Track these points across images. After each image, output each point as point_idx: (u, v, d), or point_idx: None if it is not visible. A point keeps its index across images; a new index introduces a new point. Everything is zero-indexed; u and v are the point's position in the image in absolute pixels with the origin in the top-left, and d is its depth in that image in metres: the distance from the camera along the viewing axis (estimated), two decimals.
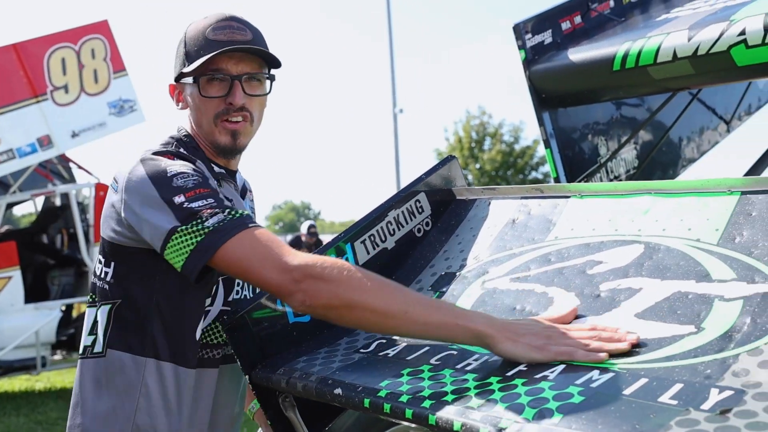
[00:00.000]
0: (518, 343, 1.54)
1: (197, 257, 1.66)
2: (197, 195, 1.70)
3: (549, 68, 3.05)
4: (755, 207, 1.70)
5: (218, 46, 1.84)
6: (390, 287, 1.62)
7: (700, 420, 1.22)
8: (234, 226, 1.66)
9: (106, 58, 7.80)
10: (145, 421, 1.79)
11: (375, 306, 1.58)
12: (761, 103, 4.12)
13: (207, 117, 1.89)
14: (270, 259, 1.62)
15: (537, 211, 2.11)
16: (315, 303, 1.60)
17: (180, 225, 1.67)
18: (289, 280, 1.60)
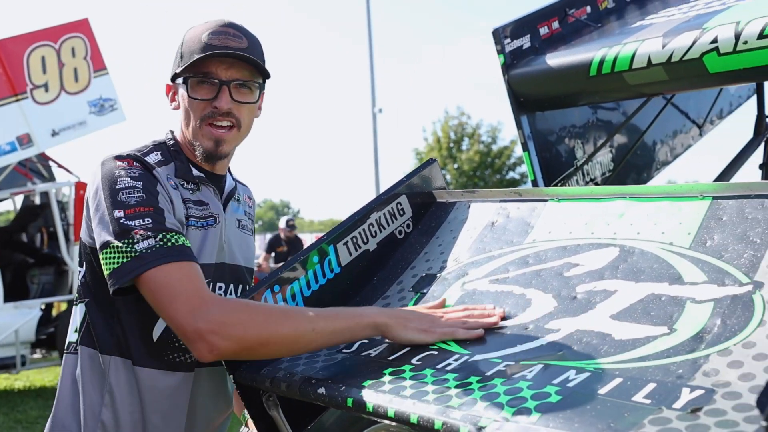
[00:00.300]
0: (408, 328, 1.75)
1: (118, 276, 1.71)
2: (136, 213, 1.73)
3: (527, 73, 3.11)
4: (726, 212, 1.76)
5: (211, 50, 1.87)
6: (291, 311, 1.75)
7: (672, 418, 1.27)
8: (160, 256, 1.69)
9: (87, 56, 7.76)
10: (109, 417, 1.82)
11: (285, 333, 1.69)
12: (732, 108, 4.21)
13: (194, 119, 1.92)
14: (180, 300, 1.66)
15: (515, 214, 2.15)
16: (223, 351, 1.66)
17: (113, 240, 1.71)
18: (193, 330, 1.64)
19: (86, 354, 1.87)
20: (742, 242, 1.66)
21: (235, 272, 2.03)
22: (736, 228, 1.71)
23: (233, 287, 1.99)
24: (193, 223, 1.88)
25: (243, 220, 2.11)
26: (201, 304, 1.66)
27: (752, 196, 1.74)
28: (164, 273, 1.68)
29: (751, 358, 1.39)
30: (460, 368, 1.63)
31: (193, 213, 1.89)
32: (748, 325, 1.47)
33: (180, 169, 1.92)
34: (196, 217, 1.89)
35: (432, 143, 30.99)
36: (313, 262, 2.06)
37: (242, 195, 2.16)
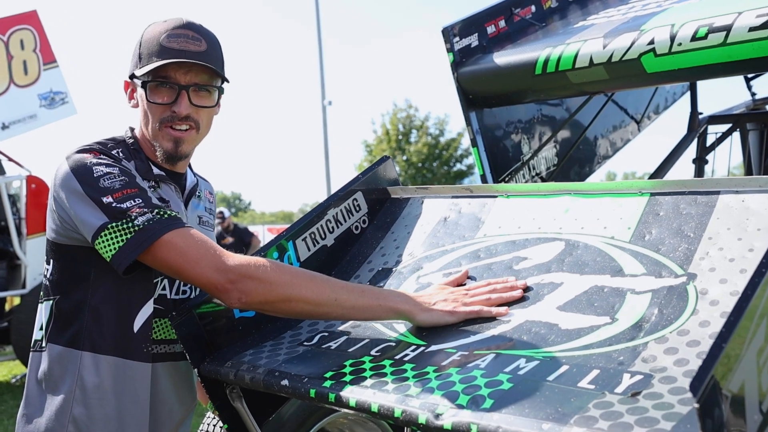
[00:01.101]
0: (433, 312, 1.81)
1: (126, 253, 1.74)
2: (125, 195, 1.76)
3: (475, 71, 3.20)
4: (662, 207, 1.88)
5: (169, 54, 1.88)
6: (318, 279, 1.81)
7: (614, 402, 1.38)
8: (164, 224, 1.75)
9: (36, 49, 7.62)
10: (80, 412, 1.84)
11: (308, 297, 1.76)
12: (668, 104, 4.39)
13: (153, 121, 1.94)
14: (205, 259, 1.73)
15: (467, 209, 2.25)
16: (251, 300, 1.75)
17: (110, 222, 1.74)
18: (225, 280, 1.73)
19: (54, 351, 1.88)
20: (677, 236, 1.79)
21: None
22: (672, 223, 1.83)
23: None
24: None
25: (204, 216, 2.14)
26: (227, 258, 1.74)
27: (686, 193, 1.87)
28: (180, 237, 1.74)
29: (685, 345, 1.51)
30: (418, 359, 1.71)
31: None
32: (682, 314, 1.59)
33: (140, 168, 1.93)
34: None
35: (381, 135, 31.07)
36: (273, 257, 2.12)
37: (203, 191, 2.18)
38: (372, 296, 1.81)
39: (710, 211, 1.78)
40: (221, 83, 2.00)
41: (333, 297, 1.77)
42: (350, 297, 1.79)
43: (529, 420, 1.38)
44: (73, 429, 1.82)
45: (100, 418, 1.84)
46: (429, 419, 1.49)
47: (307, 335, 1.98)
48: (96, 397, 1.85)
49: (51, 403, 1.86)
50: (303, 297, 1.76)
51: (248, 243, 12.99)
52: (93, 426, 1.83)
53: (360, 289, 1.84)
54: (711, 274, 1.65)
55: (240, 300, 1.73)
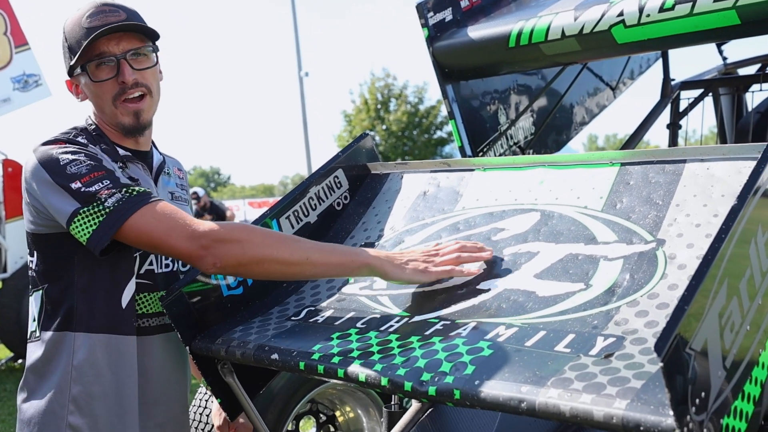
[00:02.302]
0: (405, 269, 1.87)
1: (100, 235, 1.79)
2: (93, 179, 1.81)
3: (450, 45, 3.25)
4: (632, 177, 1.95)
5: (95, 31, 1.91)
6: (290, 239, 1.86)
7: (589, 364, 1.46)
8: (134, 202, 1.79)
9: (7, 32, 7.55)
10: (79, 390, 1.89)
11: (280, 257, 1.81)
12: (642, 70, 4.45)
13: (106, 101, 1.97)
14: (176, 229, 1.78)
15: (445, 183, 2.31)
16: (225, 264, 1.79)
17: (81, 207, 1.79)
18: (197, 247, 1.77)
19: (48, 337, 1.93)
20: (646, 204, 1.86)
21: None
22: (642, 191, 1.90)
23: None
24: None
25: (176, 191, 2.18)
26: (198, 225, 1.78)
27: (655, 162, 1.94)
28: (150, 213, 1.78)
29: (654, 308, 1.59)
30: (402, 329, 1.79)
31: None
32: (652, 278, 1.67)
33: (107, 151, 1.97)
34: None
35: (360, 105, 31.01)
36: None
37: (171, 168, 2.22)
38: (343, 253, 1.87)
39: (677, 179, 1.86)
40: (153, 44, 2.03)
41: (305, 256, 1.82)
42: (322, 255, 1.84)
43: (508, 384, 1.46)
44: (74, 408, 1.88)
45: (98, 394, 1.90)
46: (414, 387, 1.57)
47: (294, 310, 2.05)
48: (92, 374, 1.90)
49: (49, 386, 1.91)
50: (276, 257, 1.80)
51: (223, 215, 13.09)
52: (93, 402, 1.89)
53: (331, 248, 1.90)
54: (679, 240, 1.73)
55: (215, 265, 1.77)
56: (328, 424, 3.32)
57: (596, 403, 1.33)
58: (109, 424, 1.90)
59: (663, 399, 1.27)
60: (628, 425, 1.28)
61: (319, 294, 2.11)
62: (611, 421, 1.30)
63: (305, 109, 24.34)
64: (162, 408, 2.03)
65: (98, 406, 1.90)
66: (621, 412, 1.30)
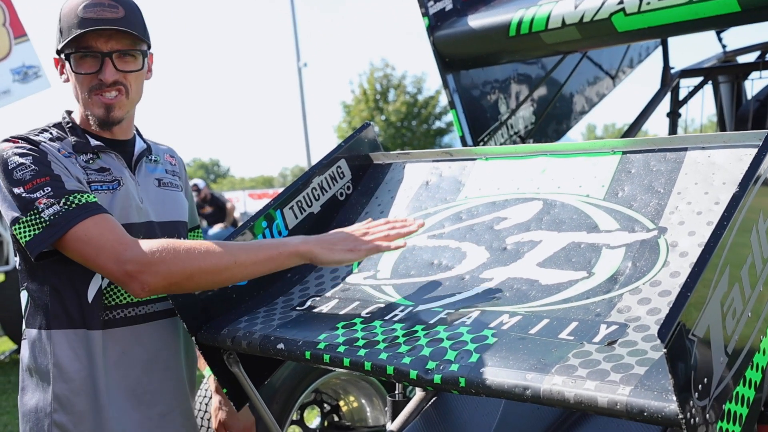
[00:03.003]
0: (334, 251, 1.88)
1: (35, 245, 1.81)
2: (35, 186, 1.81)
3: (451, 34, 3.26)
4: (634, 165, 1.97)
5: (86, 24, 1.91)
6: (214, 247, 1.85)
7: (592, 351, 1.47)
8: (70, 217, 1.79)
9: (5, 23, 7.52)
10: (60, 387, 1.90)
11: (207, 267, 1.81)
12: (642, 58, 4.46)
13: (82, 91, 1.97)
14: (105, 251, 1.79)
15: (447, 173, 2.33)
16: (153, 287, 1.79)
17: (20, 215, 1.81)
18: (123, 273, 1.78)
19: (31, 335, 1.95)
20: (648, 192, 1.88)
21: (167, 228, 2.10)
22: (643, 179, 1.91)
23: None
24: (98, 188, 1.94)
25: (164, 177, 2.16)
26: (125, 248, 1.78)
27: (656, 150, 1.95)
28: (82, 231, 1.79)
29: (657, 295, 1.61)
30: (406, 318, 1.80)
31: (95, 179, 1.95)
32: (654, 266, 1.69)
33: (77, 145, 1.97)
34: (99, 182, 1.95)
35: (359, 96, 30.98)
36: (262, 226, 2.20)
37: (161, 155, 2.20)
38: (270, 247, 1.87)
39: (678, 167, 1.87)
40: (146, 48, 2.02)
41: (232, 260, 1.82)
42: (249, 255, 1.84)
43: (513, 371, 1.48)
44: (57, 405, 1.89)
45: (78, 390, 1.90)
46: (420, 374, 1.58)
47: (299, 300, 2.07)
48: (71, 370, 1.90)
49: (35, 384, 1.93)
50: (203, 268, 1.80)
51: (223, 207, 13.12)
52: (74, 398, 1.89)
53: (257, 245, 1.89)
54: (680, 227, 1.75)
55: (143, 290, 1.79)
56: (332, 413, 3.34)
57: (600, 389, 1.35)
58: (92, 420, 1.90)
59: (666, 385, 1.29)
60: (632, 411, 1.30)
61: (324, 284, 2.13)
62: (615, 407, 1.32)
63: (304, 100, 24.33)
64: (157, 398, 2.02)
65: (79, 402, 1.90)
66: (625, 398, 1.31)
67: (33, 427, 1.91)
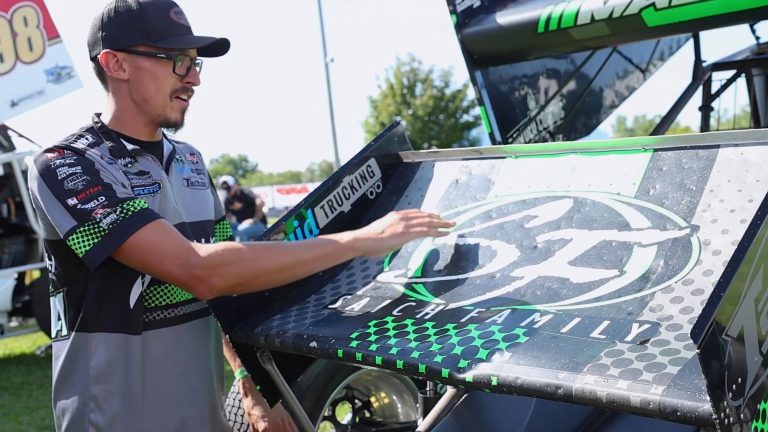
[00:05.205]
0: (384, 239, 1.97)
1: (95, 255, 1.81)
2: (88, 196, 1.81)
3: (479, 31, 3.26)
4: (665, 163, 1.96)
5: (185, 30, 1.99)
6: (276, 247, 1.91)
7: (624, 350, 1.47)
8: (130, 224, 1.80)
9: (39, 25, 7.64)
10: (98, 389, 1.93)
11: (273, 266, 1.86)
12: (673, 51, 4.42)
13: (162, 92, 1.98)
14: (169, 256, 1.80)
15: (477, 171, 2.33)
16: (221, 289, 1.82)
17: (77, 225, 1.81)
18: (190, 276, 1.79)
19: (72, 338, 1.96)
20: (680, 190, 1.87)
21: (198, 228, 2.11)
22: (675, 177, 1.91)
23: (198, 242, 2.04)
24: (140, 192, 1.95)
25: (191, 177, 2.18)
26: (189, 253, 1.80)
27: (688, 147, 1.94)
28: (143, 238, 1.80)
29: (690, 294, 1.60)
30: (438, 317, 1.82)
31: (137, 183, 1.96)
32: (687, 264, 1.68)
33: (114, 149, 1.97)
34: (141, 186, 1.97)
35: (386, 90, 30.97)
36: (293, 226, 2.22)
37: (184, 154, 2.21)
38: (328, 244, 1.93)
39: (711, 165, 1.86)
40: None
41: (295, 258, 1.87)
42: (309, 252, 1.90)
43: (545, 370, 1.48)
44: (94, 405, 1.92)
45: (115, 391, 1.92)
46: (451, 373, 1.60)
47: (330, 298, 2.09)
48: (108, 372, 1.93)
49: (72, 384, 1.95)
50: (269, 268, 1.85)
51: (252, 203, 13.22)
52: (110, 399, 1.92)
53: (315, 243, 1.96)
54: (713, 225, 1.74)
55: (210, 292, 1.81)
56: (363, 409, 3.36)
57: (633, 389, 1.35)
58: (126, 421, 1.93)
59: (700, 385, 1.29)
60: (665, 411, 1.30)
61: (355, 282, 2.15)
62: (648, 406, 1.32)
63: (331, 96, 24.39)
64: (198, 396, 2.04)
65: (116, 403, 1.93)
66: (658, 398, 1.31)
67: (70, 426, 1.95)
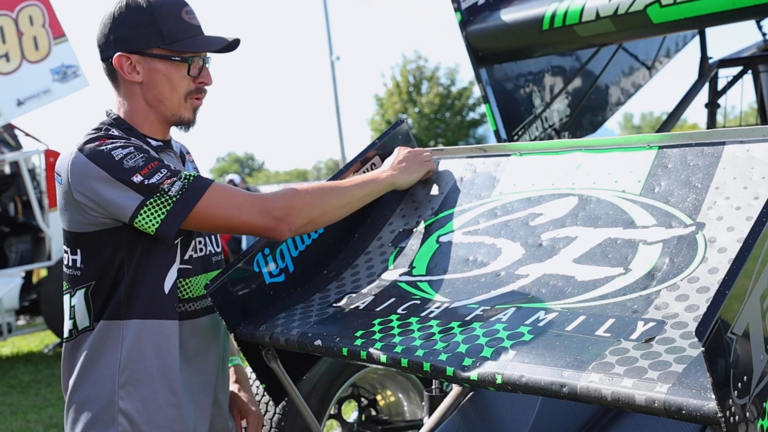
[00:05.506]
0: (411, 171, 2.27)
1: (170, 224, 1.84)
2: (151, 170, 1.84)
3: (484, 29, 3.25)
4: (671, 160, 1.95)
5: (198, 30, 2.01)
6: (334, 186, 2.09)
7: (629, 348, 1.47)
8: (196, 187, 1.86)
9: (45, 24, 7.65)
10: (128, 376, 1.93)
11: (337, 203, 2.04)
12: (679, 48, 4.40)
13: (177, 93, 2.00)
14: (246, 206, 1.90)
15: (482, 169, 2.32)
16: (298, 227, 1.95)
17: (146, 199, 1.83)
18: (270, 219, 1.90)
19: (96, 328, 1.96)
20: (685, 187, 1.86)
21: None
22: (680, 174, 1.90)
23: (208, 238, 2.09)
24: None
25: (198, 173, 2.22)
26: (263, 201, 1.92)
27: (693, 145, 1.93)
28: (216, 196, 1.88)
29: (695, 292, 1.60)
30: (442, 315, 1.81)
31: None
32: (692, 262, 1.67)
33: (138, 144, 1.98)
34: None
35: (392, 88, 30.95)
36: None
37: (184, 154, 2.22)
38: (370, 182, 2.15)
39: (716, 162, 1.85)
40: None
41: (351, 193, 2.07)
42: (360, 189, 2.10)
43: (550, 368, 1.48)
44: (124, 393, 1.92)
45: (145, 378, 1.93)
46: (456, 371, 1.59)
47: (335, 297, 2.09)
48: (139, 359, 1.93)
49: (99, 374, 1.94)
50: (335, 205, 2.03)
51: None
52: (140, 386, 1.93)
53: (359, 182, 2.13)
54: (719, 223, 1.73)
55: (290, 230, 1.93)
56: (369, 407, 3.36)
57: (638, 387, 1.35)
58: (157, 407, 1.94)
59: (705, 383, 1.28)
60: (670, 409, 1.30)
61: (360, 280, 2.15)
62: (653, 405, 1.32)
63: (337, 94, 24.35)
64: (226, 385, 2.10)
65: (146, 390, 1.94)
66: (663, 396, 1.31)
67: (96, 416, 1.94)
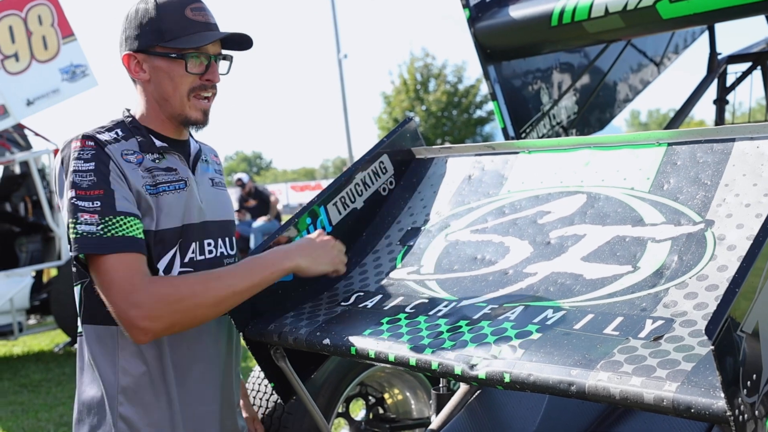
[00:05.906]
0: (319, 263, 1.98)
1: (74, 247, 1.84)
2: (86, 196, 1.84)
3: (492, 25, 3.24)
4: (680, 157, 1.94)
5: (201, 27, 1.96)
6: (211, 281, 1.86)
7: (638, 347, 1.46)
8: (97, 244, 1.81)
9: (54, 23, 7.66)
10: (128, 381, 1.94)
11: (210, 302, 1.84)
12: (687, 44, 4.38)
13: (180, 91, 1.98)
14: (114, 289, 1.80)
15: (490, 167, 2.32)
16: (156, 332, 1.81)
17: (68, 217, 1.85)
18: (126, 318, 1.79)
19: (95, 330, 1.96)
20: (694, 184, 1.85)
21: (221, 227, 2.12)
22: (689, 171, 1.89)
23: (221, 240, 2.09)
24: (166, 188, 1.96)
25: (215, 177, 2.19)
26: (131, 290, 1.78)
27: (702, 141, 1.92)
28: (102, 261, 1.81)
29: (704, 290, 1.59)
30: (450, 313, 1.81)
31: (164, 179, 1.97)
32: (701, 259, 1.67)
33: (143, 144, 1.98)
34: (168, 182, 1.97)
35: (399, 86, 30.92)
36: (306, 223, 2.22)
37: (208, 155, 2.23)
38: (259, 268, 1.91)
39: (726, 159, 1.84)
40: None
41: (230, 289, 1.85)
42: (243, 280, 1.87)
43: (558, 367, 1.47)
44: (123, 399, 1.93)
45: (145, 383, 1.93)
46: (464, 370, 1.59)
47: (343, 296, 2.08)
48: (139, 363, 1.93)
49: (99, 377, 1.95)
50: (204, 303, 1.83)
51: (267, 200, 13.29)
52: (140, 391, 1.93)
53: (248, 268, 1.91)
54: (728, 220, 1.72)
55: (146, 336, 1.81)
56: (377, 406, 3.36)
57: (646, 385, 1.34)
58: (158, 411, 1.94)
59: (714, 381, 1.27)
60: (679, 408, 1.29)
61: (368, 279, 2.14)
62: (662, 403, 1.31)
63: (345, 92, 24.37)
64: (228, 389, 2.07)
65: (146, 394, 1.94)
66: (671, 395, 1.30)
67: (99, 420, 1.95)
